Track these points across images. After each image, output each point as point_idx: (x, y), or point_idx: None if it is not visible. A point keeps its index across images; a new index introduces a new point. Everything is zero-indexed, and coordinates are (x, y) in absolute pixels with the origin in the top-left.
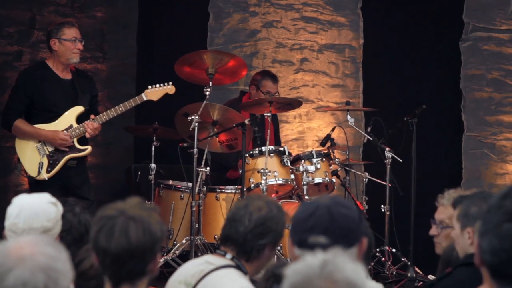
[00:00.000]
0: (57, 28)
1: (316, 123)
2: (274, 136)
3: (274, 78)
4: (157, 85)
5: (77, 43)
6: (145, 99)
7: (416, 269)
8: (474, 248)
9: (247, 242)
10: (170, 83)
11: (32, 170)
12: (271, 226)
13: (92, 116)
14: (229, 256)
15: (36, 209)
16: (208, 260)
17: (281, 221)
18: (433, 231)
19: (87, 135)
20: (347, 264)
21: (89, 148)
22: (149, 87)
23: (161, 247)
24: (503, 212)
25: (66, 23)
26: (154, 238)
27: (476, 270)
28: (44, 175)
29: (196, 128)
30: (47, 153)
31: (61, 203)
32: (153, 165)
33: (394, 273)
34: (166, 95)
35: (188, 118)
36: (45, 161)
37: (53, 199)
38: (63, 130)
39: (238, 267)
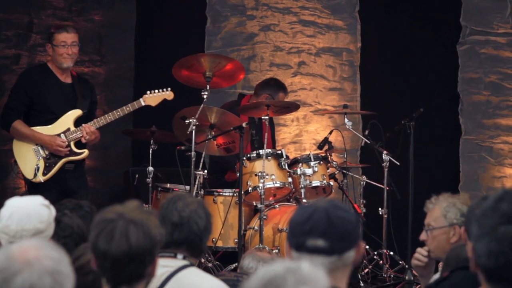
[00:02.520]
0: (51, 33)
1: (313, 126)
2: (273, 139)
3: (286, 92)
4: (156, 91)
5: (67, 48)
6: (143, 104)
7: (414, 272)
8: (469, 253)
9: (203, 239)
10: (169, 89)
11: (28, 173)
12: (210, 217)
13: (94, 120)
14: (180, 256)
15: (28, 211)
16: (161, 264)
17: None
18: (422, 236)
19: (83, 140)
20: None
21: (85, 152)
22: (148, 92)
23: (159, 250)
24: (499, 215)
25: (60, 29)
26: (154, 241)
27: (474, 274)
28: (40, 178)
29: (193, 131)
30: (44, 155)
31: (71, 206)
32: (150, 168)
33: (392, 276)
34: (164, 100)
35: (186, 121)
36: (42, 164)
37: (46, 202)
38: (60, 133)
39: (192, 265)
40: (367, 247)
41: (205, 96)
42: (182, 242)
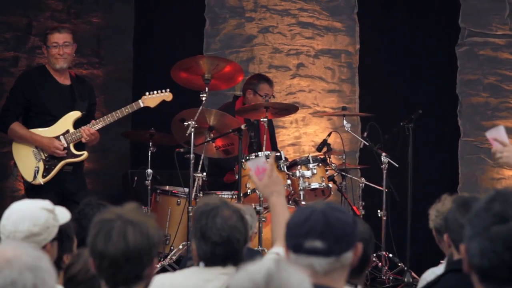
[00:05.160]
0: (46, 35)
1: (312, 128)
2: (271, 141)
3: (269, 81)
4: (155, 92)
5: (59, 48)
6: (142, 105)
7: (413, 274)
8: (462, 254)
9: (244, 250)
10: (168, 90)
11: (28, 175)
12: (247, 226)
13: (92, 121)
14: (231, 264)
15: (24, 213)
16: (217, 272)
17: None
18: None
19: (83, 140)
20: (292, 276)
21: (85, 154)
22: (147, 93)
23: (158, 252)
24: (492, 215)
25: (52, 29)
26: (152, 242)
27: (464, 277)
28: (40, 180)
29: (192, 134)
30: (43, 157)
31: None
32: (149, 171)
33: (390, 278)
34: (163, 101)
35: (185, 123)
36: (41, 166)
37: (50, 207)
38: (59, 135)
39: None
40: None
41: (203, 98)
42: (225, 258)
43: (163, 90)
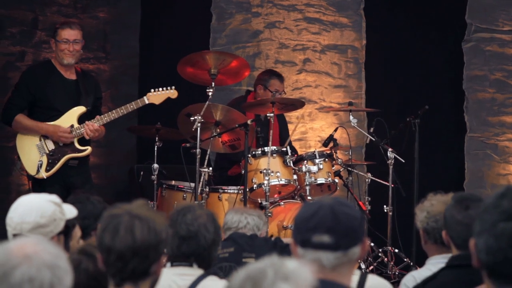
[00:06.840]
0: (56, 29)
1: (318, 124)
2: (281, 135)
3: (280, 77)
4: (160, 89)
5: (69, 45)
6: (147, 102)
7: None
8: (471, 249)
9: (211, 253)
10: (173, 87)
11: (31, 168)
12: (219, 230)
13: (97, 117)
14: (196, 265)
15: (31, 205)
16: (181, 273)
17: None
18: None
19: (86, 136)
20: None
21: (89, 149)
22: (152, 90)
23: (165, 249)
24: (500, 212)
25: (64, 24)
26: (159, 237)
27: (461, 273)
28: (43, 174)
29: (198, 129)
30: (47, 152)
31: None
32: (155, 166)
33: (396, 273)
34: (168, 98)
35: (191, 118)
36: (45, 160)
37: (57, 200)
38: None
39: (209, 273)
40: (372, 244)
41: (210, 93)
42: (190, 255)
43: (169, 87)
